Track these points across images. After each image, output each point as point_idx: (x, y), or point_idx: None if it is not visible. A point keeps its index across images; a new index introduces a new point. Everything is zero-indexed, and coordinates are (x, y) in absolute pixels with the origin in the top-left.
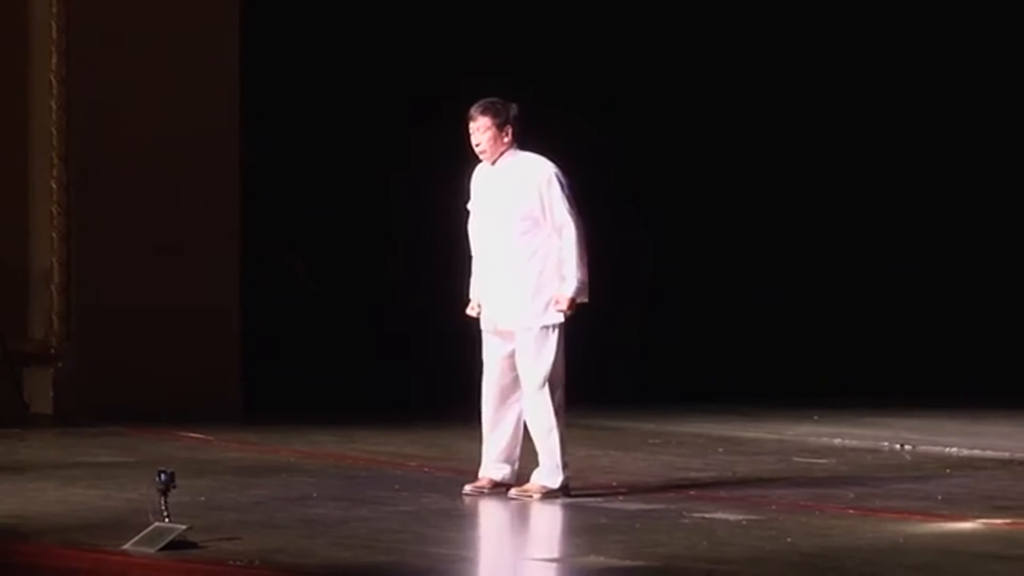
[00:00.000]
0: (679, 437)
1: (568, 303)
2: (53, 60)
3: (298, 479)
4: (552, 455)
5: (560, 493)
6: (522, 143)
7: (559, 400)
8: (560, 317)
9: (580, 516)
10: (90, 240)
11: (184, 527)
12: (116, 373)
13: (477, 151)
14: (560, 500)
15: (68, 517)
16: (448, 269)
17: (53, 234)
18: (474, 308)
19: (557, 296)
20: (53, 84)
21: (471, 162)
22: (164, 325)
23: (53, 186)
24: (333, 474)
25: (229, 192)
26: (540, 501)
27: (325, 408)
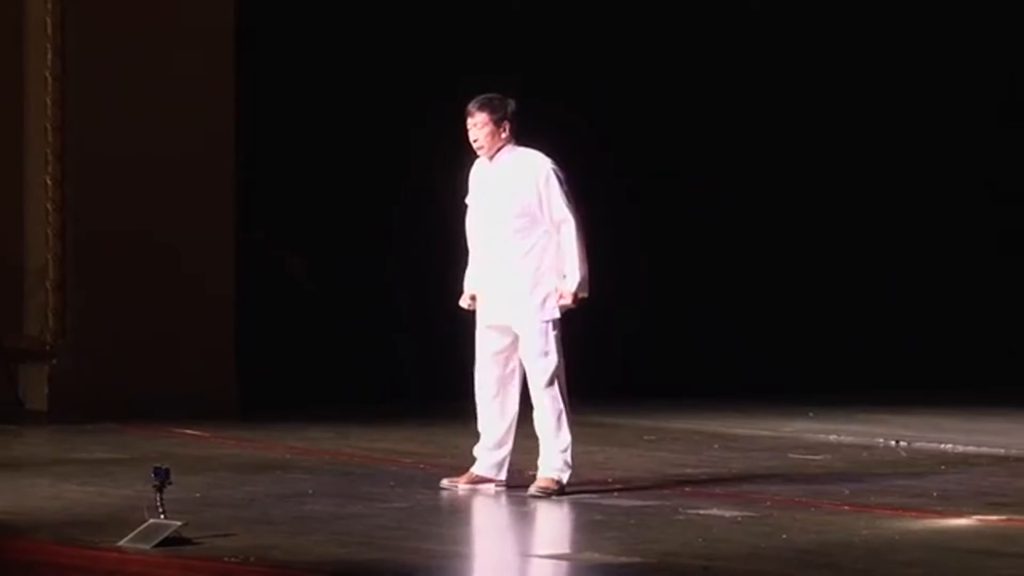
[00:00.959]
0: (674, 433)
1: (572, 298)
2: (48, 57)
3: (293, 476)
4: (563, 451)
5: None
6: (520, 139)
7: (565, 396)
8: (557, 312)
9: (575, 512)
10: (85, 237)
11: (179, 524)
12: (111, 370)
13: (474, 146)
14: (558, 497)
15: (63, 514)
16: (444, 266)
17: (48, 231)
18: (466, 300)
19: (560, 291)
20: (48, 80)
21: (468, 160)
22: (159, 322)
23: (48, 183)
24: (328, 471)
25: (225, 190)
26: (554, 497)
27: (320, 405)
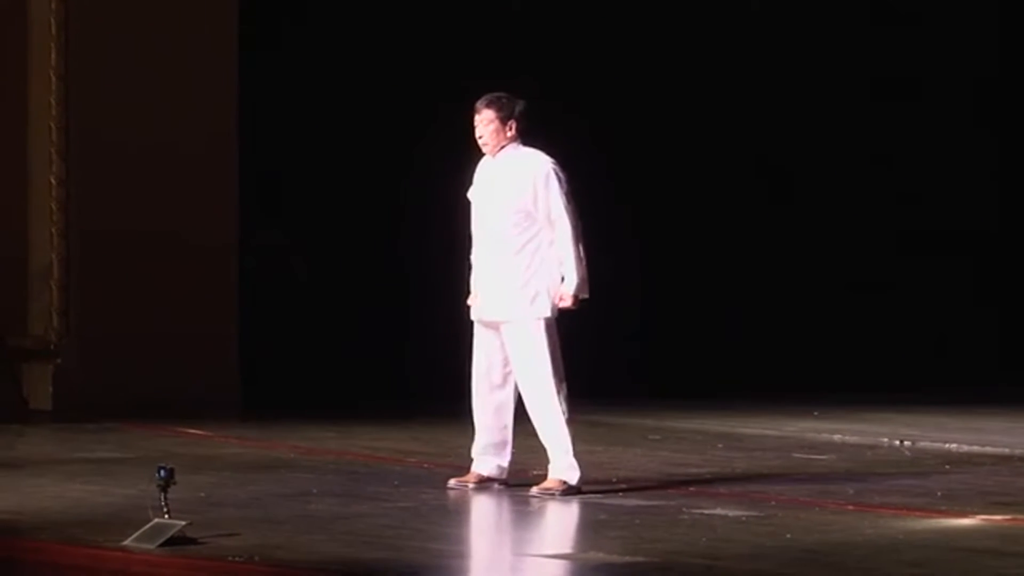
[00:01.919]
0: (678, 433)
1: (571, 300)
2: (52, 56)
3: (297, 475)
4: (565, 451)
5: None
6: (527, 140)
7: (563, 396)
8: (550, 311)
9: (579, 512)
10: (89, 236)
11: (183, 523)
12: (115, 369)
13: (480, 143)
14: (570, 497)
15: (67, 513)
16: (448, 265)
17: (52, 230)
18: (473, 299)
19: (560, 294)
20: (52, 80)
21: (472, 160)
22: (163, 321)
23: (52, 182)
24: (332, 470)
25: (230, 189)
26: (562, 497)
27: (324, 404)
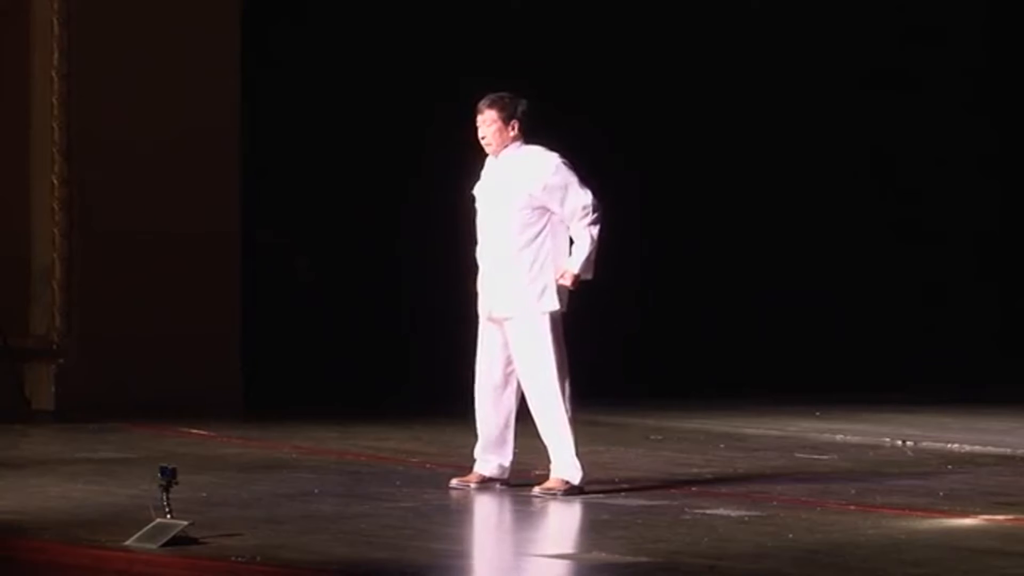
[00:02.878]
0: (680, 433)
1: (571, 279)
2: (54, 56)
3: (299, 475)
4: (567, 450)
5: (577, 489)
6: (530, 139)
7: (567, 394)
8: (557, 305)
9: (582, 512)
10: (91, 236)
11: (186, 523)
12: (117, 369)
13: (482, 143)
14: (573, 497)
15: (69, 513)
16: (451, 265)
17: (55, 230)
18: (481, 296)
19: (564, 271)
20: (54, 80)
21: (472, 160)
22: (165, 321)
23: (54, 182)
24: (334, 470)
25: (232, 189)
26: (564, 497)
27: (326, 404)
